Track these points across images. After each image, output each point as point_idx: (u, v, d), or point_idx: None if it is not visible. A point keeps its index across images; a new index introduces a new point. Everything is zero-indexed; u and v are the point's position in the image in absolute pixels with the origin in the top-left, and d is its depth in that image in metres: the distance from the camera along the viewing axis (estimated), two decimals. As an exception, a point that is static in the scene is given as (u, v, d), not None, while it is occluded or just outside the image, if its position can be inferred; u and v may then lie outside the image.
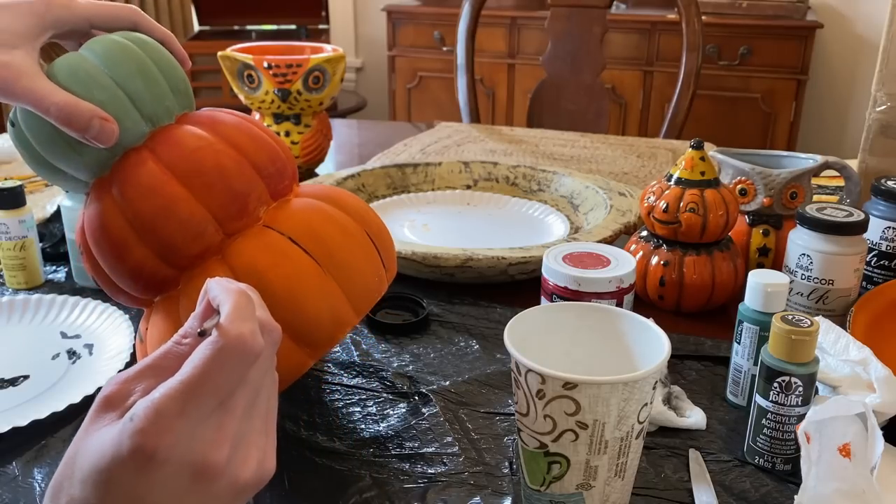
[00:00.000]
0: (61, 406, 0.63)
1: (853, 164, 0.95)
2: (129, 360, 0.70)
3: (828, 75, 2.90)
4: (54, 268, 0.92)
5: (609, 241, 0.87)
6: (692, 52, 1.61)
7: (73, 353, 0.73)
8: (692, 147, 0.80)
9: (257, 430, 0.40)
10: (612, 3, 1.71)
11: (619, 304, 0.67)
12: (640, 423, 0.49)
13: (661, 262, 0.80)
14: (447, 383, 0.69)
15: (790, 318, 0.56)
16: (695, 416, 0.63)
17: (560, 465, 0.49)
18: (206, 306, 0.40)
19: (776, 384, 0.56)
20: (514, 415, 0.58)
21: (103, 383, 0.66)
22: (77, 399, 0.64)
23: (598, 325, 0.55)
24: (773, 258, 0.84)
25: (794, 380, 0.55)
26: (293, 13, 3.27)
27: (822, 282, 0.73)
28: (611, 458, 0.48)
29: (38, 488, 0.56)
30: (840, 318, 0.73)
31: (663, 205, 0.78)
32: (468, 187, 1.13)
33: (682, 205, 0.78)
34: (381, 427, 0.63)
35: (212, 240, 0.54)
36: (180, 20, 3.34)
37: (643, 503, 0.55)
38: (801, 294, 0.74)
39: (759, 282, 0.62)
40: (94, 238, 0.55)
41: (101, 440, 0.36)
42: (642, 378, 0.46)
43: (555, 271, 0.67)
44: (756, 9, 2.62)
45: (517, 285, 0.87)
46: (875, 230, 0.79)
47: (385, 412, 0.65)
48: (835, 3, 2.83)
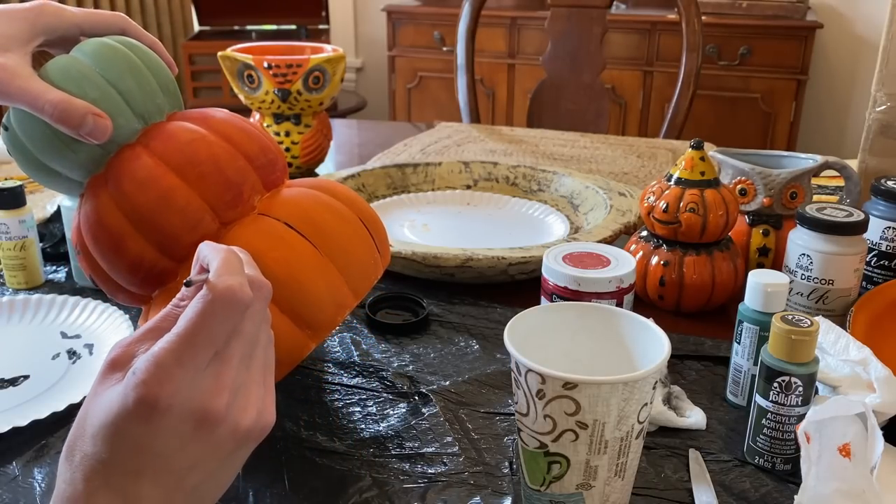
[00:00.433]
0: (61, 406, 0.63)
1: (853, 164, 0.95)
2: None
3: (828, 75, 2.90)
4: (54, 268, 0.92)
5: (609, 241, 0.87)
6: (692, 53, 1.61)
7: (73, 353, 0.73)
8: (692, 147, 0.80)
9: (256, 381, 0.42)
10: (612, 3, 1.71)
11: (619, 304, 0.67)
12: (640, 423, 0.49)
13: (661, 262, 0.80)
14: (447, 383, 0.69)
15: (790, 318, 0.56)
16: (695, 416, 0.63)
17: (560, 465, 0.49)
18: (199, 269, 0.43)
19: (776, 384, 0.56)
20: (514, 415, 0.58)
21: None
22: (77, 399, 0.64)
23: (598, 325, 0.55)
24: (773, 258, 0.84)
25: (794, 380, 0.55)
26: (293, 13, 3.27)
27: (822, 282, 0.73)
28: (611, 458, 0.48)
29: (38, 488, 0.56)
30: (840, 318, 0.73)
31: (663, 205, 0.78)
32: (468, 187, 1.13)
33: (682, 205, 0.78)
34: (381, 427, 0.63)
35: (209, 229, 0.55)
36: (180, 20, 3.34)
37: (643, 503, 0.55)
38: (801, 294, 0.74)
39: (759, 282, 0.62)
40: (92, 234, 0.56)
41: (108, 397, 0.38)
42: (642, 378, 0.46)
43: (555, 271, 0.67)
44: (756, 9, 2.62)
45: (517, 285, 0.87)
46: (875, 230, 0.79)
47: (385, 412, 0.65)
48: (835, 3, 2.83)
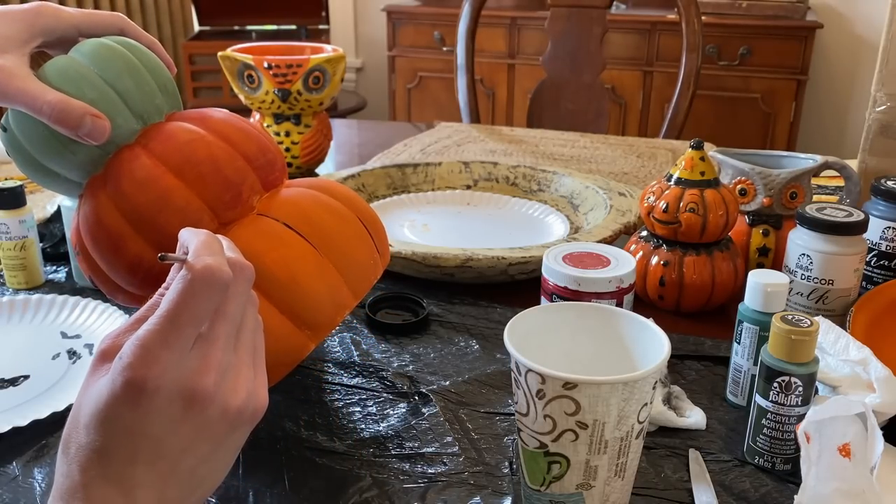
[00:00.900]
0: (61, 406, 0.63)
1: (853, 164, 0.95)
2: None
3: (828, 75, 2.90)
4: (54, 268, 0.92)
5: (609, 241, 0.87)
6: (692, 53, 1.61)
7: (73, 353, 0.73)
8: (692, 147, 0.80)
9: (244, 362, 0.42)
10: (612, 3, 1.71)
11: (619, 304, 0.67)
12: (640, 423, 0.49)
13: (661, 262, 0.80)
14: (447, 383, 0.69)
15: (790, 318, 0.56)
16: (695, 416, 0.63)
17: (560, 465, 0.49)
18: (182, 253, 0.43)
19: (776, 384, 0.56)
20: (514, 415, 0.58)
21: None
22: (77, 399, 0.64)
23: (598, 325, 0.55)
24: (772, 258, 0.84)
25: (793, 380, 0.55)
26: (293, 13, 3.27)
27: (822, 282, 0.73)
28: (611, 457, 0.48)
29: (38, 488, 0.56)
30: (840, 318, 0.73)
31: (663, 205, 0.78)
32: (468, 187, 1.13)
33: (681, 205, 0.78)
34: (381, 427, 0.63)
35: (207, 229, 0.55)
36: (180, 20, 3.34)
37: (643, 503, 0.55)
38: (801, 294, 0.74)
39: (759, 282, 0.62)
40: (91, 234, 0.56)
41: (98, 386, 0.39)
42: (642, 378, 0.47)
43: (555, 271, 0.67)
44: (756, 9, 2.62)
45: (517, 285, 0.87)
46: (875, 230, 0.79)
47: (385, 412, 0.65)
48: (835, 3, 2.83)
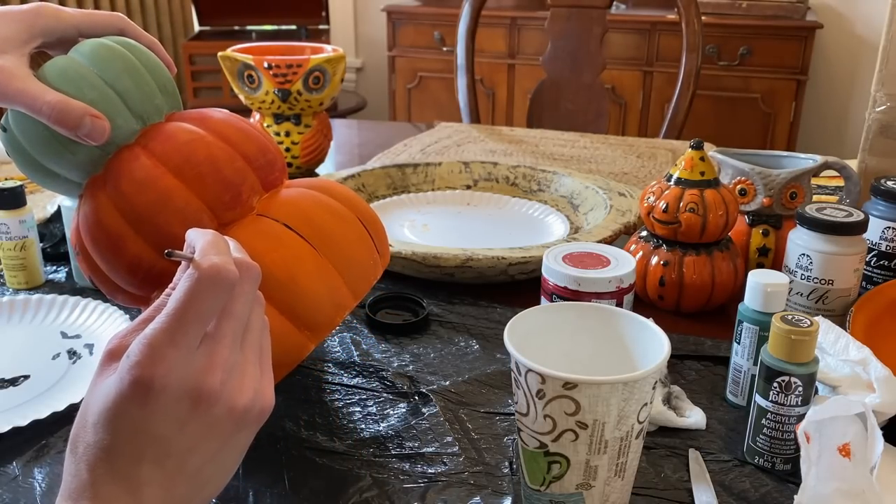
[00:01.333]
0: (61, 406, 0.63)
1: (853, 164, 0.95)
2: (129, 360, 0.70)
3: (827, 75, 2.90)
4: (54, 268, 0.92)
5: (609, 241, 0.87)
6: (692, 53, 1.61)
7: (73, 353, 0.73)
8: (692, 147, 0.80)
9: (250, 361, 0.43)
10: (612, 4, 1.71)
11: (619, 304, 0.67)
12: (639, 422, 0.49)
13: (661, 262, 0.80)
14: (447, 383, 0.69)
15: (790, 318, 0.56)
16: (695, 416, 0.63)
17: (560, 465, 0.49)
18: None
19: (776, 384, 0.56)
20: (514, 415, 0.58)
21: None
22: (77, 399, 0.64)
23: (598, 325, 0.55)
24: (772, 258, 0.84)
25: (793, 380, 0.55)
26: (293, 13, 3.27)
27: (822, 282, 0.73)
28: (611, 457, 0.48)
29: (38, 488, 0.56)
30: (840, 318, 0.73)
31: (663, 205, 0.79)
32: (468, 187, 1.13)
33: (681, 205, 0.78)
34: (381, 427, 0.63)
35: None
36: (180, 20, 3.34)
37: (643, 503, 0.55)
38: (801, 294, 0.74)
39: (759, 282, 0.62)
40: (91, 235, 0.56)
41: (105, 385, 0.39)
42: (642, 378, 0.47)
43: (555, 271, 0.67)
44: (756, 9, 2.62)
45: (517, 285, 0.87)
46: (875, 230, 0.79)
47: (385, 412, 0.65)
48: (835, 3, 2.83)
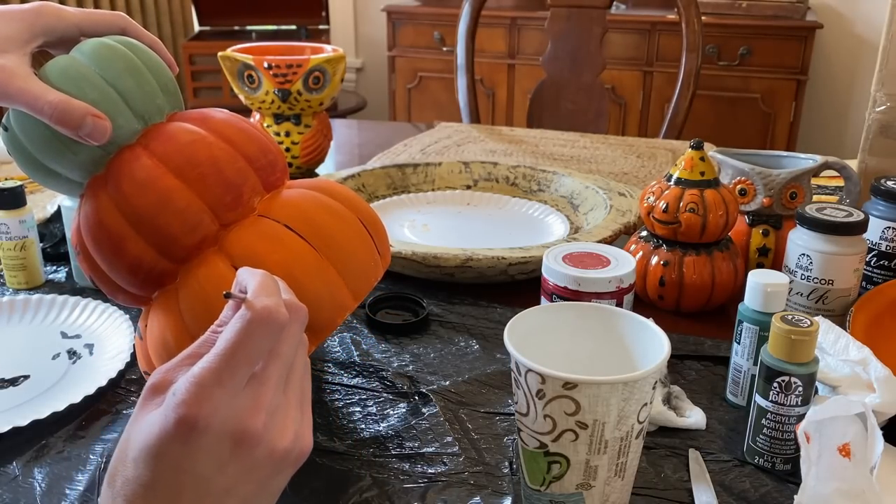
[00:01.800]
0: (61, 406, 0.63)
1: (853, 164, 0.95)
2: (129, 359, 0.70)
3: (827, 75, 2.90)
4: (54, 268, 0.92)
5: (609, 241, 0.87)
6: (692, 53, 1.61)
7: (73, 353, 0.73)
8: (692, 147, 0.80)
9: (293, 404, 0.42)
10: (612, 4, 1.71)
11: (619, 304, 0.67)
12: (639, 422, 0.49)
13: (661, 262, 0.80)
14: (447, 383, 0.69)
15: (790, 318, 0.56)
16: (695, 416, 0.63)
17: (560, 465, 0.49)
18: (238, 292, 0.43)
19: (776, 384, 0.56)
20: (514, 415, 0.58)
21: (104, 383, 0.66)
22: (77, 399, 0.64)
23: (598, 325, 0.55)
24: (772, 258, 0.84)
25: (793, 380, 0.55)
26: (293, 13, 3.27)
27: (822, 282, 0.73)
28: (611, 457, 0.48)
29: (38, 488, 0.56)
30: (840, 318, 0.73)
31: (663, 205, 0.79)
32: (468, 187, 1.13)
33: (681, 205, 0.78)
34: (381, 427, 0.63)
35: (208, 230, 0.55)
36: (180, 20, 3.34)
37: (643, 503, 0.55)
38: (801, 294, 0.74)
39: (759, 282, 0.62)
40: (92, 235, 0.56)
41: (149, 421, 0.39)
42: (642, 378, 0.47)
43: (555, 271, 0.67)
44: (756, 9, 2.62)
45: (517, 285, 0.87)
46: (875, 230, 0.79)
47: (385, 412, 0.65)
48: (835, 3, 2.83)
